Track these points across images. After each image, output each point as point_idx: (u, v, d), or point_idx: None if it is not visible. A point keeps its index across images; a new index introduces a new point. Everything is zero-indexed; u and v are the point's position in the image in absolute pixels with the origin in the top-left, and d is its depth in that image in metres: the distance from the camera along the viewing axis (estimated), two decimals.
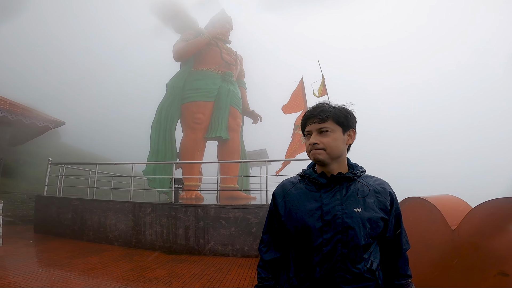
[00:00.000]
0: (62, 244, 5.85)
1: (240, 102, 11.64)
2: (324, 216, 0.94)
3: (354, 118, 1.04)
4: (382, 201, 0.99)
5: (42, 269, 4.10)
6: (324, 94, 8.16)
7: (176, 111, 10.35)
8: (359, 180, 1.01)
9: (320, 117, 0.98)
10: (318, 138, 0.98)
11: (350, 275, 0.91)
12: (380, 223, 0.96)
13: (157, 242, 5.76)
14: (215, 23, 12.26)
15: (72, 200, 6.78)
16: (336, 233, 0.92)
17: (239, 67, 12.56)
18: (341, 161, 1.01)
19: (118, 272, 4.14)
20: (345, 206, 0.94)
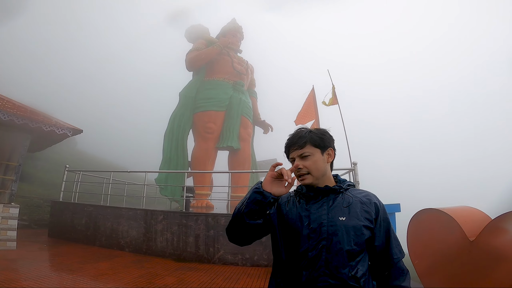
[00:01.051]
0: (74, 248, 5.94)
1: (251, 111, 11.71)
2: (311, 224, 1.02)
3: (330, 138, 1.15)
4: (367, 211, 1.05)
5: (54, 273, 4.16)
6: (335, 103, 8.12)
7: (188, 120, 10.50)
8: (345, 193, 1.09)
9: (299, 144, 1.10)
10: (301, 163, 1.08)
11: (333, 280, 0.96)
12: (364, 231, 1.01)
13: (167, 250, 5.77)
14: (226, 33, 12.47)
15: (86, 206, 6.92)
16: (321, 240, 0.99)
17: (250, 76, 12.69)
18: (326, 178, 1.11)
19: (128, 278, 4.16)
20: (331, 215, 1.02)
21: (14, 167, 5.90)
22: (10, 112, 5.54)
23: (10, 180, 5.81)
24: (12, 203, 5.69)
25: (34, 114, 6.06)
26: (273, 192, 1.03)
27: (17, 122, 5.61)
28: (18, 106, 6.16)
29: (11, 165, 5.92)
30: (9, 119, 5.50)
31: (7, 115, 5.47)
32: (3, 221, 5.37)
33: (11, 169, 5.91)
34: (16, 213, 5.59)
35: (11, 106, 5.89)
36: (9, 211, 5.51)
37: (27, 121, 5.73)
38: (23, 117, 5.69)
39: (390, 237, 1.08)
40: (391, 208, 4.53)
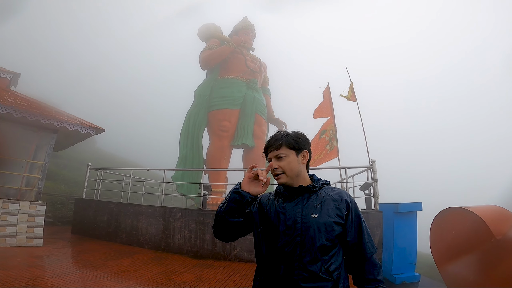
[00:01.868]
0: (97, 245, 6.15)
1: (265, 109, 11.69)
2: (286, 222, 1.11)
3: (306, 141, 1.23)
4: (338, 208, 1.13)
5: (79, 270, 4.30)
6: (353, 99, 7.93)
7: (203, 118, 10.62)
8: (319, 192, 1.17)
9: (275, 146, 1.19)
10: (276, 163, 1.17)
11: (307, 274, 1.04)
12: (335, 227, 1.10)
13: (185, 247, 5.87)
14: (239, 31, 12.50)
15: (108, 203, 7.14)
16: (295, 236, 1.08)
17: (263, 74, 12.66)
18: (301, 178, 1.19)
19: (148, 275, 4.26)
20: (304, 213, 1.11)
21: (41, 166, 6.16)
22: (36, 112, 5.79)
23: (36, 178, 6.09)
24: (39, 201, 5.95)
25: (58, 114, 6.30)
26: (250, 191, 1.12)
27: (43, 122, 5.85)
28: (44, 106, 6.44)
29: (37, 164, 6.19)
30: (35, 119, 5.75)
31: (33, 115, 5.71)
32: (30, 218, 5.62)
33: (37, 168, 6.18)
34: (43, 211, 5.83)
35: (37, 107, 6.15)
36: (36, 209, 5.75)
37: (53, 121, 5.97)
38: (49, 117, 5.93)
39: (362, 232, 1.15)
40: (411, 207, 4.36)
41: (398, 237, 4.09)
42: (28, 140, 6.21)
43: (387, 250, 4.31)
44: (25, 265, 4.31)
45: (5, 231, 5.37)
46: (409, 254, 4.13)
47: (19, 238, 5.44)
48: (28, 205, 5.69)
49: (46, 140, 6.33)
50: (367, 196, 6.46)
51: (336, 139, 8.67)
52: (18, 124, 5.93)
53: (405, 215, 4.21)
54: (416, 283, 4.01)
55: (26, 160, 6.08)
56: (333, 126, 8.75)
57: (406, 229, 4.16)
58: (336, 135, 8.65)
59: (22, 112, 5.62)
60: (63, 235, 7.17)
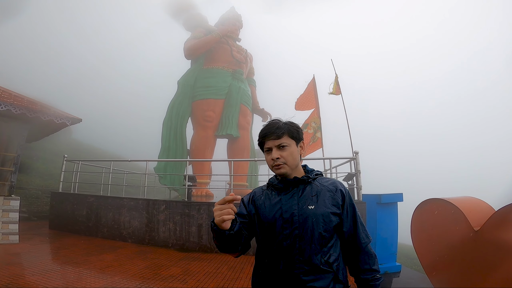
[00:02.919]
0: (77, 240, 5.94)
1: (250, 100, 11.61)
2: (283, 215, 1.08)
3: (301, 132, 1.19)
4: (334, 198, 1.11)
5: (60, 267, 4.13)
6: (338, 93, 8.03)
7: (187, 108, 10.38)
8: (313, 182, 1.15)
9: (277, 134, 1.12)
10: (278, 153, 1.11)
11: (308, 266, 1.03)
12: (332, 218, 1.08)
13: (170, 240, 5.80)
14: (225, 21, 12.24)
15: (87, 196, 6.87)
16: (294, 229, 1.06)
17: (249, 65, 12.51)
18: (298, 169, 1.16)
19: (134, 270, 4.18)
20: (301, 205, 1.09)
21: (13, 158, 5.78)
22: (7, 102, 5.37)
23: (9, 172, 5.71)
24: (13, 195, 5.61)
25: (31, 104, 5.88)
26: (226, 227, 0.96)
27: (15, 112, 5.44)
28: (15, 96, 5.97)
29: (9, 156, 5.80)
30: (6, 109, 5.34)
31: (4, 105, 5.30)
32: (4, 214, 5.30)
33: (10, 160, 5.79)
34: (17, 206, 5.51)
35: (8, 96, 5.70)
36: (10, 204, 5.43)
37: (25, 111, 5.57)
38: (21, 106, 5.52)
39: (357, 222, 1.14)
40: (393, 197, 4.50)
41: (380, 228, 4.21)
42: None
43: None
44: (2, 263, 4.10)
45: None
46: (391, 244, 4.25)
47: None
48: (2, 200, 5.36)
49: (18, 131, 5.92)
50: (350, 187, 6.67)
51: (320, 131, 8.79)
52: None
53: (387, 206, 4.34)
54: (398, 273, 4.13)
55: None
56: (316, 118, 8.85)
57: (388, 220, 4.29)
58: (320, 127, 8.77)
59: None
60: (40, 230, 6.86)
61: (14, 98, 5.75)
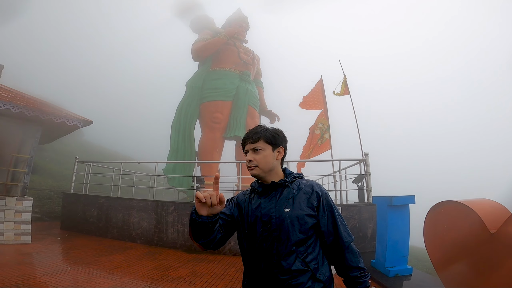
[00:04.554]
0: (88, 241, 6.01)
1: (258, 101, 11.61)
2: (262, 218, 1.15)
3: (283, 138, 1.26)
4: (309, 200, 1.16)
5: (71, 267, 4.18)
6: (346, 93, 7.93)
7: (195, 110, 10.45)
8: (291, 186, 1.20)
9: (253, 139, 1.21)
10: (252, 156, 1.20)
11: (286, 266, 1.08)
12: (307, 219, 1.12)
13: (178, 241, 5.82)
14: (232, 23, 12.30)
15: (98, 197, 6.96)
16: (272, 231, 1.12)
17: (256, 66, 12.53)
18: (274, 173, 1.22)
19: (143, 271, 4.20)
20: (278, 208, 1.14)
21: (26, 160, 5.91)
22: (20, 104, 5.51)
23: (22, 173, 5.85)
24: (25, 196, 5.73)
25: (44, 106, 6.02)
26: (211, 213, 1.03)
27: (28, 114, 5.57)
28: (28, 98, 6.12)
29: (23, 157, 5.93)
30: (20, 112, 5.47)
31: (17, 107, 5.44)
32: (16, 214, 5.41)
33: (23, 162, 5.93)
34: (29, 206, 5.62)
35: (21, 99, 5.84)
36: (23, 204, 5.54)
37: (38, 113, 5.70)
38: (34, 109, 5.65)
39: (336, 222, 1.17)
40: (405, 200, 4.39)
41: (391, 230, 4.11)
42: (13, 133, 5.93)
43: (381, 243, 4.33)
44: (14, 263, 4.17)
45: None
46: (402, 247, 4.14)
47: (7, 236, 5.25)
48: (15, 200, 5.47)
49: (31, 133, 6.06)
50: (360, 189, 6.55)
51: (328, 132, 8.71)
52: (1, 117, 5.64)
53: (399, 208, 4.24)
54: (409, 276, 4.03)
55: (11, 154, 5.81)
56: (324, 119, 8.77)
57: (399, 222, 4.18)
58: (328, 128, 8.69)
59: (6, 104, 5.32)
60: (52, 231, 6.97)
61: (27, 101, 5.89)
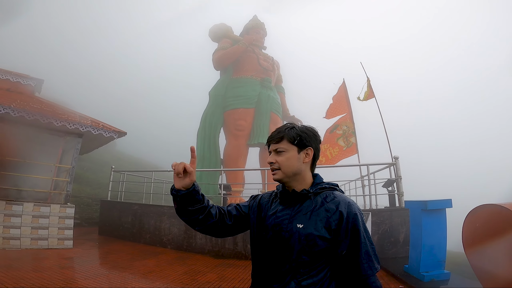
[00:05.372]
0: (123, 246, 6.35)
1: (280, 107, 11.63)
2: (274, 227, 1.05)
3: (312, 137, 1.10)
4: (329, 220, 0.99)
5: (108, 271, 4.43)
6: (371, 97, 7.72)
7: (219, 118, 10.70)
8: (315, 197, 1.05)
9: (275, 139, 1.09)
10: (274, 157, 1.08)
11: (282, 283, 0.99)
12: (318, 242, 0.97)
13: (206, 246, 5.94)
14: (249, 30, 12.43)
15: (132, 204, 7.35)
16: (278, 244, 1.03)
17: (277, 72, 12.59)
18: (300, 178, 1.08)
19: (173, 275, 4.35)
20: (291, 221, 1.03)
21: (68, 169, 6.42)
22: (62, 118, 6.03)
23: (64, 182, 6.36)
24: (68, 203, 6.21)
25: (83, 118, 6.54)
26: (180, 187, 1.04)
27: (69, 127, 6.09)
28: (68, 112, 6.70)
29: (65, 168, 6.46)
30: (61, 125, 5.99)
31: (59, 121, 5.96)
32: (60, 220, 5.87)
33: (65, 171, 6.45)
34: (72, 213, 6.07)
35: (62, 112, 6.40)
36: (66, 211, 6.00)
37: (78, 126, 6.21)
38: (74, 122, 6.17)
39: (360, 250, 0.98)
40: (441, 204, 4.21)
41: (426, 235, 4.01)
42: (55, 145, 6.49)
43: (415, 248, 4.23)
44: (57, 267, 4.50)
45: (37, 233, 5.63)
46: (438, 251, 4.03)
47: (51, 240, 5.70)
48: (58, 207, 5.94)
49: (72, 144, 6.59)
50: (390, 193, 6.30)
51: (354, 136, 8.50)
52: (45, 130, 6.20)
53: (434, 212, 4.10)
54: (446, 280, 3.93)
55: (54, 164, 6.36)
56: (349, 123, 8.58)
57: (435, 227, 4.06)
58: (354, 132, 8.49)
59: (49, 118, 5.86)
60: (91, 236, 7.44)
61: (68, 114, 6.44)
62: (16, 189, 5.84)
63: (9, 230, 5.38)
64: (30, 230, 5.57)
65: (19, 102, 6.00)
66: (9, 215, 5.41)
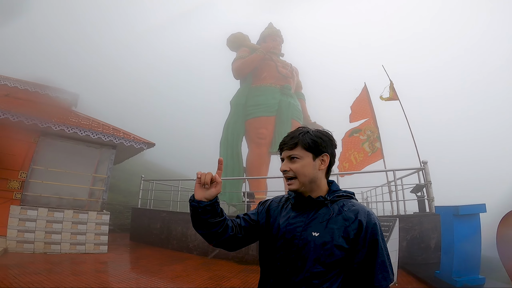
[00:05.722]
0: (152, 251, 6.63)
1: (301, 114, 11.63)
2: (286, 235, 1.00)
3: (328, 142, 1.04)
4: (347, 229, 0.95)
5: (139, 276, 4.66)
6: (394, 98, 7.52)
7: (241, 127, 10.93)
8: (332, 205, 1.00)
9: (289, 145, 1.02)
10: (288, 165, 1.02)
11: None
12: (336, 252, 0.93)
13: (230, 253, 6.03)
14: (266, 38, 12.63)
15: (160, 212, 7.71)
16: (291, 252, 0.97)
17: (296, 79, 12.62)
18: (316, 186, 1.03)
19: (199, 280, 4.49)
20: (306, 228, 0.98)
21: (103, 179, 6.91)
22: (97, 130, 6.55)
23: (101, 190, 6.84)
24: (104, 211, 6.65)
25: (116, 131, 7.05)
26: (202, 198, 1.00)
27: (104, 139, 6.58)
28: (103, 124, 7.26)
29: (101, 177, 6.95)
30: (97, 137, 6.50)
31: (96, 133, 6.47)
32: (97, 227, 6.29)
33: (101, 181, 6.94)
34: (107, 220, 6.49)
35: (97, 125, 6.95)
36: (102, 218, 6.42)
37: (112, 138, 6.69)
38: (108, 134, 6.66)
39: (375, 260, 0.95)
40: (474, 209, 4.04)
41: (458, 240, 3.88)
42: (92, 156, 7.02)
43: (446, 253, 4.11)
44: (94, 271, 4.81)
45: (76, 239, 6.04)
46: (472, 257, 3.89)
47: (88, 245, 6.11)
48: (95, 214, 6.37)
49: (107, 155, 7.09)
50: (420, 198, 6.06)
51: (379, 141, 8.30)
52: (82, 142, 6.76)
53: (467, 218, 3.95)
54: (481, 285, 3.80)
55: (91, 174, 6.88)
56: (373, 127, 8.40)
57: (468, 232, 3.91)
58: (379, 137, 8.29)
59: (86, 131, 6.38)
60: (123, 241, 7.84)
61: (103, 127, 6.96)
62: (57, 197, 6.34)
63: (51, 236, 5.82)
64: (70, 236, 5.99)
65: (59, 116, 6.58)
66: (51, 221, 5.87)
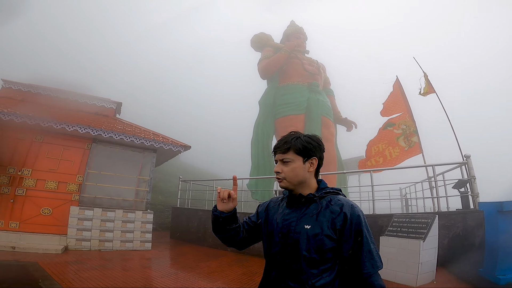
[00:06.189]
0: (190, 249, 7.05)
1: (330, 110, 11.39)
2: (282, 230, 1.12)
3: (317, 147, 1.16)
4: (334, 220, 1.06)
5: (179, 271, 5.01)
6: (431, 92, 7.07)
7: (271, 127, 11.03)
8: (320, 201, 1.12)
9: (282, 149, 1.15)
10: (280, 167, 1.15)
11: (293, 284, 1.05)
12: (326, 241, 1.04)
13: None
14: (289, 36, 12.51)
15: (197, 211, 8.16)
16: (287, 245, 1.09)
17: (323, 75, 12.35)
18: (306, 185, 1.16)
19: (233, 275, 4.74)
20: (299, 222, 1.10)
21: (147, 181, 7.53)
22: (140, 136, 7.16)
23: (145, 191, 7.46)
24: (148, 210, 7.24)
25: (156, 136, 7.66)
26: (223, 210, 1.20)
27: (146, 144, 7.18)
28: (144, 130, 7.91)
29: (144, 179, 7.57)
30: (140, 142, 7.11)
31: (139, 139, 7.08)
32: (142, 225, 6.85)
33: (145, 182, 7.56)
34: (151, 218, 7.04)
35: (139, 131, 7.59)
36: (146, 217, 6.98)
37: (153, 143, 7.26)
38: (149, 139, 7.24)
39: (362, 249, 1.04)
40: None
41: (503, 237, 3.67)
42: (136, 160, 7.66)
43: (490, 251, 3.93)
44: (140, 267, 5.27)
45: (125, 236, 6.61)
46: None
47: (135, 243, 6.66)
48: (141, 214, 6.94)
49: (149, 159, 7.70)
50: (463, 194, 5.66)
51: (417, 135, 7.87)
52: (128, 147, 7.42)
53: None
54: None
55: (136, 176, 7.53)
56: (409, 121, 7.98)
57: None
58: (416, 131, 7.86)
59: (131, 137, 6.99)
60: (164, 239, 8.35)
61: (144, 133, 7.59)
62: (108, 198, 7.02)
63: (105, 234, 6.45)
64: (120, 234, 6.59)
65: (107, 124, 7.30)
66: (105, 220, 6.53)
